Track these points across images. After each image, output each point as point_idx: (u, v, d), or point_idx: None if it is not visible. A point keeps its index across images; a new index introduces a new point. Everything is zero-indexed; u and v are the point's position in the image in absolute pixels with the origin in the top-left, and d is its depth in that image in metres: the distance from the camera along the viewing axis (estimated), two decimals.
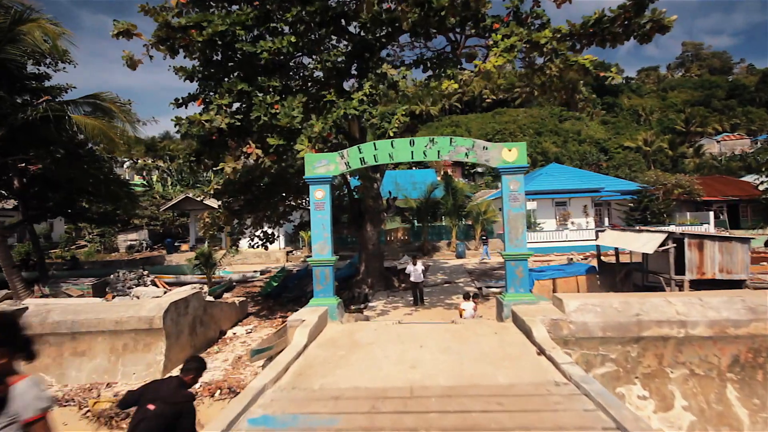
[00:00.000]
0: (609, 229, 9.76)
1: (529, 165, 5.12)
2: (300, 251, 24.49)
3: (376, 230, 14.06)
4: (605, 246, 10.70)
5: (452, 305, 11.31)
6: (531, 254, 5.61)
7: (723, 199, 26.16)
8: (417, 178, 31.52)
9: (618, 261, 9.91)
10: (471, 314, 8.94)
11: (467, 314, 8.87)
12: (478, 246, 23.54)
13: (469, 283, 14.57)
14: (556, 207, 25.06)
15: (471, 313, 8.94)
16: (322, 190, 5.74)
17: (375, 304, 11.94)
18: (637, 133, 68.09)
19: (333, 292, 5.86)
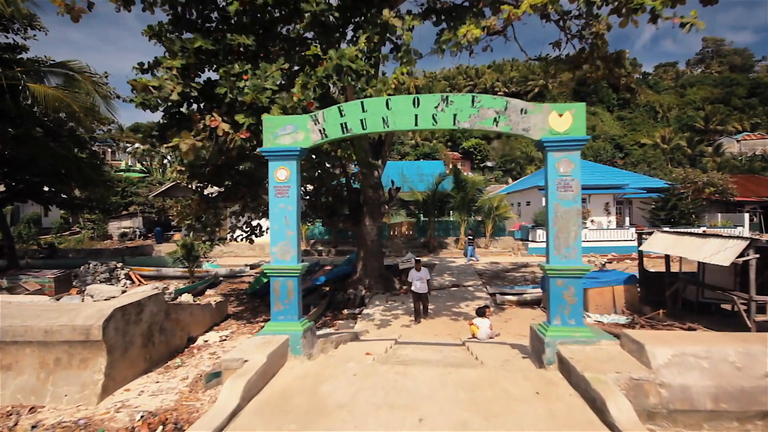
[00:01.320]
0: (658, 231, 7.86)
1: (587, 140, 3.30)
2: None
3: (376, 224, 12.31)
4: (646, 251, 8.80)
5: (461, 315, 9.55)
6: (588, 270, 3.80)
7: (757, 200, 23.94)
8: (425, 170, 29.67)
9: (669, 271, 8.05)
10: (487, 333, 7.21)
11: (482, 333, 7.14)
12: (486, 243, 21.70)
13: (479, 287, 12.79)
14: None
15: (487, 332, 7.21)
16: (286, 168, 3.98)
17: (371, 311, 10.23)
18: (655, 130, 65.63)
19: (299, 312, 4.10)
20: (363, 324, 8.84)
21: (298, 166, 4.15)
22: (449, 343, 6.72)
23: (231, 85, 6.19)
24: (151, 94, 6.65)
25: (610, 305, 8.90)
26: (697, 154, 54.45)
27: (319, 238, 23.05)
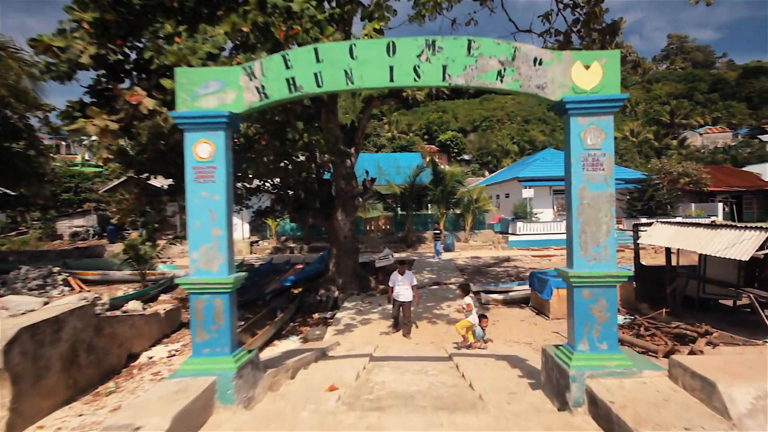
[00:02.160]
0: (659, 222, 7.11)
1: (624, 99, 2.26)
2: (267, 241, 21.38)
3: (349, 219, 11.17)
4: (643, 244, 8.09)
5: (443, 318, 8.58)
6: (627, 276, 2.82)
7: (728, 190, 24.33)
8: (402, 162, 28.68)
9: (670, 265, 7.33)
10: (481, 335, 6.29)
11: (477, 334, 6.21)
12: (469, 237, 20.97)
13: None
14: (554, 196, 22.65)
15: (481, 334, 6.29)
16: (210, 142, 2.80)
17: (344, 316, 9.12)
18: (624, 123, 67.31)
19: (232, 343, 2.94)
20: (333, 335, 7.72)
21: (228, 140, 2.96)
22: (434, 358, 5.71)
23: (157, 48, 4.89)
24: (58, 58, 5.24)
25: None
26: (664, 147, 56.13)
27: (291, 234, 21.67)
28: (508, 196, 24.67)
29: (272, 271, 15.68)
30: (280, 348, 8.57)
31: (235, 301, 3.13)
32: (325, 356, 5.52)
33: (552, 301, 8.02)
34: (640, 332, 6.36)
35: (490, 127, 65.13)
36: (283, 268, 15.95)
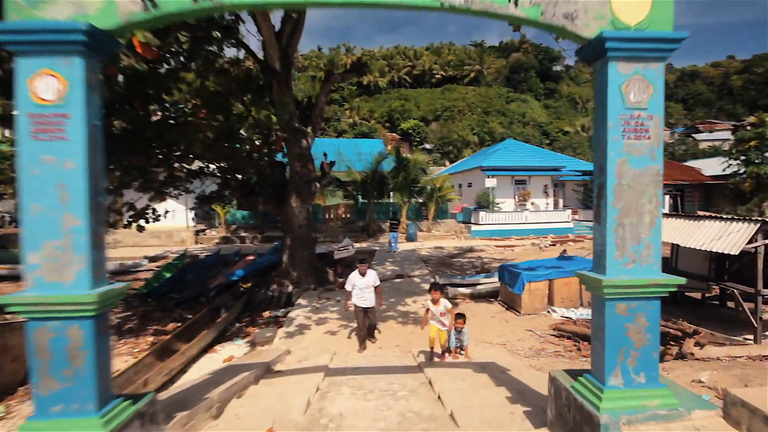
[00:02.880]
0: None
1: (682, 39, 1.42)
2: (215, 230, 19.60)
3: (304, 206, 10.04)
4: None
5: (409, 317, 7.81)
6: (678, 283, 2.04)
7: (672, 183, 25.71)
8: (363, 149, 27.58)
9: None
10: (459, 343, 5.45)
11: (452, 342, 5.38)
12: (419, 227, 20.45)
13: (426, 277, 11.22)
14: (516, 186, 22.67)
15: (460, 340, 5.45)
16: (58, 75, 1.74)
17: (298, 315, 8.08)
18: (576, 119, 70.47)
19: (102, 395, 1.85)
20: (284, 339, 6.69)
21: (92, 74, 1.84)
22: (402, 368, 4.89)
23: None
24: None
25: (577, 297, 7.76)
26: None
27: (242, 222, 20.01)
28: (470, 186, 24.46)
29: (219, 263, 14.15)
30: (221, 354, 7.41)
31: (105, 329, 2.04)
32: (269, 372, 4.51)
33: (524, 296, 7.49)
34: None
35: (451, 117, 65.44)
36: (231, 260, 14.46)
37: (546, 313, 7.59)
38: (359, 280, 5.92)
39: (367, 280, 5.95)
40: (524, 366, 4.84)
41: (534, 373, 4.60)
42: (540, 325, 6.96)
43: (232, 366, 4.48)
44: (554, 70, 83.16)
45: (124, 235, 18.20)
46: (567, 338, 6.13)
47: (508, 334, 6.63)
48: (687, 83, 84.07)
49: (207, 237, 18.74)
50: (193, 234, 18.52)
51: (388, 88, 74.11)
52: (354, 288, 5.94)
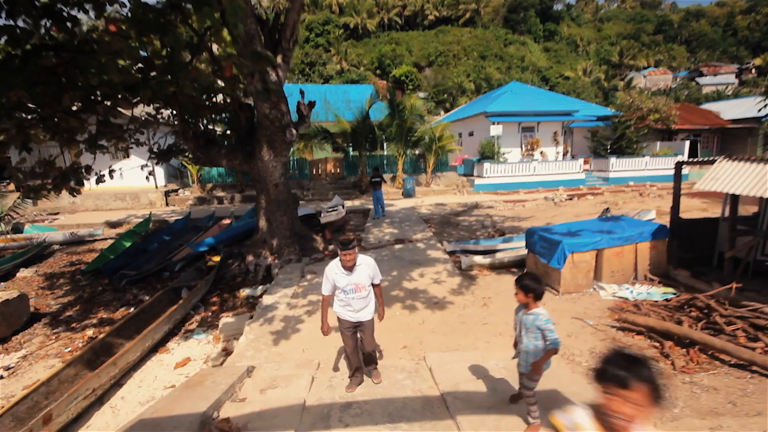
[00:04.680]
0: (724, 159, 4.78)
1: None
2: (189, 190, 17.45)
3: (280, 159, 7.97)
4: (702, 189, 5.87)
5: (417, 296, 6.12)
6: None
7: (691, 128, 23.67)
8: (352, 96, 24.80)
9: (735, 217, 5.20)
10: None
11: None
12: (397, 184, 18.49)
13: (430, 241, 9.48)
14: (523, 133, 20.50)
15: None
16: None
17: (271, 302, 6.32)
18: (577, 62, 66.45)
19: None
20: (251, 342, 4.95)
21: None
22: (416, 401, 3.20)
23: None
24: None
25: (631, 270, 6.07)
26: (611, 88, 56.20)
27: (218, 181, 17.83)
28: (472, 135, 22.19)
29: (190, 229, 12.27)
30: (175, 355, 5.74)
31: None
32: (216, 414, 2.78)
33: (564, 271, 5.78)
34: (711, 321, 4.27)
35: (446, 63, 61.14)
36: (204, 225, 12.57)
37: (592, 291, 5.93)
38: (342, 277, 3.25)
39: (358, 276, 3.26)
40: None
41: None
42: (589, 310, 5.31)
43: (149, 420, 2.71)
44: (555, 10, 77.59)
45: (84, 198, 16.01)
46: (637, 333, 4.47)
47: None
48: (691, 23, 79.36)
49: (179, 198, 16.64)
50: (162, 195, 16.38)
51: (378, 32, 68.52)
52: (336, 290, 3.32)
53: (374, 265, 3.39)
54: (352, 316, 3.36)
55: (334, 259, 3.42)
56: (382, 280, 3.55)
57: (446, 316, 5.43)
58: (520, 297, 2.54)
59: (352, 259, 3.18)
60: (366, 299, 3.36)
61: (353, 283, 3.26)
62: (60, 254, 10.85)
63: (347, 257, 3.14)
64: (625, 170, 19.56)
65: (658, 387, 1.22)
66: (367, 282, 3.33)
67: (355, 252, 3.18)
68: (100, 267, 9.10)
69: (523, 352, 2.51)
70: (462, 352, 4.37)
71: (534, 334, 2.45)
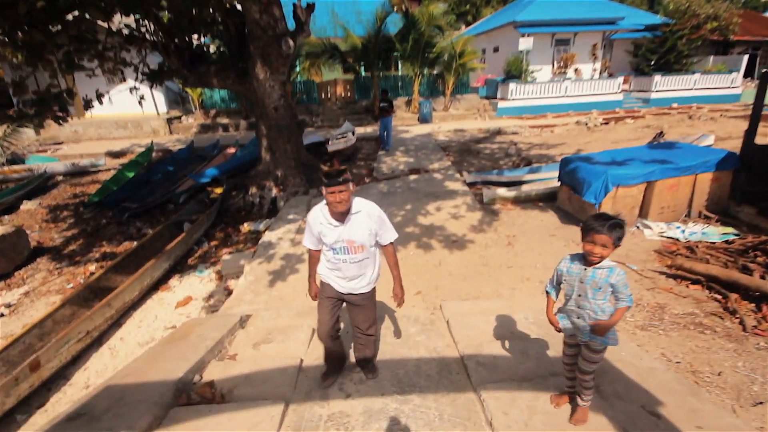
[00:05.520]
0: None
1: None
2: (192, 117, 16.51)
3: (277, 77, 6.94)
4: None
5: (434, 233, 5.52)
6: None
7: (752, 39, 20.48)
8: (363, 7, 21.99)
9: None
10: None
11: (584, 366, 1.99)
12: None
13: (448, 171, 8.66)
14: (556, 47, 18.14)
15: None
16: None
17: (273, 239, 5.84)
18: None
19: None
20: (250, 284, 4.53)
21: None
22: (431, 363, 2.72)
23: None
24: None
25: (684, 206, 5.23)
26: None
27: (223, 107, 16.73)
28: (497, 51, 19.80)
29: (194, 158, 11.68)
30: (177, 293, 5.46)
31: None
32: (184, 400, 2.37)
33: (603, 207, 4.99)
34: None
35: None
36: (208, 154, 11.94)
37: (634, 229, 5.18)
38: (329, 230, 2.23)
39: (353, 230, 2.22)
40: (676, 376, 2.59)
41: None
42: (632, 252, 4.63)
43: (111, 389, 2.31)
44: None
45: (86, 126, 15.38)
46: (693, 282, 3.81)
47: None
48: None
49: (183, 126, 15.81)
50: (165, 123, 15.56)
51: None
52: (322, 247, 2.35)
53: (380, 215, 2.30)
54: (341, 285, 2.33)
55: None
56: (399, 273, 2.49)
57: (466, 256, 4.85)
58: (599, 247, 1.72)
59: (343, 201, 2.07)
60: (364, 265, 2.29)
61: (345, 239, 2.20)
62: (64, 185, 10.54)
63: (335, 198, 2.05)
64: (670, 90, 17.42)
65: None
66: (368, 240, 2.24)
67: (347, 191, 2.07)
68: (103, 199, 8.75)
69: (584, 319, 1.86)
70: (484, 300, 3.84)
71: (605, 294, 1.79)
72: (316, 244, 2.37)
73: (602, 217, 1.74)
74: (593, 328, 1.83)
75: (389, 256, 2.44)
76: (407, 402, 2.34)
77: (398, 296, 2.49)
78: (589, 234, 1.75)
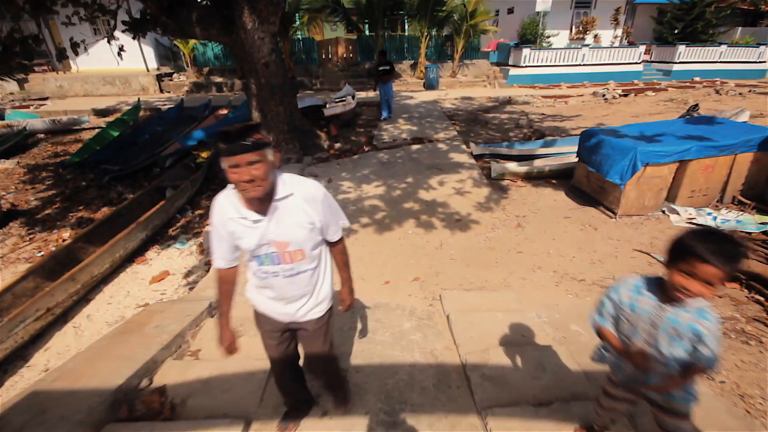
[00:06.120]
0: None
1: None
2: (184, 75, 15.55)
3: (267, 28, 6.18)
4: None
5: (436, 211, 5.02)
6: None
7: None
8: None
9: None
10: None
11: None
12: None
13: (454, 142, 8.03)
14: (576, 10, 16.86)
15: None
16: None
17: None
18: None
19: None
20: None
21: None
22: (419, 368, 2.29)
23: None
24: None
25: (717, 190, 4.68)
26: None
27: (216, 64, 15.72)
28: (511, 12, 18.45)
29: (184, 119, 10.98)
30: (153, 266, 5.02)
31: None
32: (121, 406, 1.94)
33: (628, 189, 4.45)
34: None
35: None
36: (199, 115, 11.23)
37: (659, 214, 4.66)
38: (245, 229, 1.39)
39: (284, 223, 1.40)
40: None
41: None
42: (657, 240, 4.13)
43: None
44: None
45: (71, 81, 14.50)
46: (730, 280, 3.33)
47: (606, 260, 3.85)
48: None
49: (174, 84, 14.92)
50: (154, 80, 14.66)
51: None
52: (240, 256, 1.54)
53: (325, 198, 1.49)
54: (279, 310, 1.58)
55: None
56: (351, 285, 1.82)
57: (470, 238, 4.36)
58: (700, 283, 1.12)
59: (257, 179, 1.25)
60: (306, 279, 1.53)
61: (271, 241, 1.42)
62: (45, 144, 9.92)
63: (240, 176, 1.23)
64: (693, 62, 16.32)
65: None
66: (308, 239, 1.46)
67: (263, 161, 1.25)
68: (83, 160, 8.18)
69: (650, 376, 1.35)
70: (490, 292, 3.38)
71: (686, 346, 1.26)
72: (230, 257, 1.49)
73: (712, 236, 1.13)
74: (662, 387, 1.33)
75: (338, 255, 1.68)
76: (396, 426, 1.91)
77: (346, 302, 1.82)
78: (688, 260, 1.12)
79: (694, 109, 6.76)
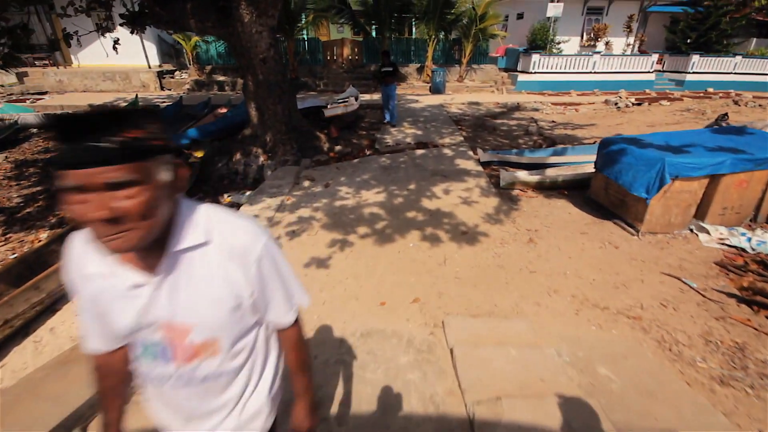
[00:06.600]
0: None
1: None
2: (186, 73, 15.27)
3: (265, 22, 5.82)
4: None
5: (441, 223, 4.60)
6: None
7: None
8: None
9: None
10: None
11: None
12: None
13: (460, 148, 7.63)
14: (587, 16, 16.48)
15: None
16: None
17: (257, 209, 4.94)
18: None
19: None
20: None
21: None
22: (415, 420, 1.86)
23: None
24: None
25: (751, 207, 4.25)
26: None
27: (219, 62, 15.44)
28: (521, 17, 18.11)
29: (182, 117, 10.67)
30: None
31: None
32: None
33: (653, 203, 4.02)
34: None
35: None
36: (198, 113, 10.91)
37: (686, 232, 4.22)
38: (121, 295, 0.77)
39: (185, 292, 0.77)
40: None
41: None
42: (687, 263, 3.70)
43: None
44: None
45: (71, 76, 14.24)
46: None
47: (631, 285, 3.42)
48: None
49: (175, 81, 14.63)
50: (155, 77, 14.37)
51: None
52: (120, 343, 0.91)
53: (265, 255, 0.83)
54: (177, 424, 0.92)
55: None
56: (310, 386, 1.07)
57: (478, 254, 3.94)
58: None
59: (121, 220, 0.64)
60: (218, 387, 0.88)
61: (159, 322, 0.79)
62: (36, 139, 9.59)
63: (86, 211, 0.62)
64: (707, 72, 15.90)
65: None
66: (225, 325, 0.83)
67: (139, 186, 0.64)
68: None
69: None
70: (500, 320, 2.95)
71: None
72: (105, 338, 0.90)
73: None
74: None
75: (291, 349, 1.01)
76: None
77: (300, 419, 1.05)
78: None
79: (723, 118, 6.33)
